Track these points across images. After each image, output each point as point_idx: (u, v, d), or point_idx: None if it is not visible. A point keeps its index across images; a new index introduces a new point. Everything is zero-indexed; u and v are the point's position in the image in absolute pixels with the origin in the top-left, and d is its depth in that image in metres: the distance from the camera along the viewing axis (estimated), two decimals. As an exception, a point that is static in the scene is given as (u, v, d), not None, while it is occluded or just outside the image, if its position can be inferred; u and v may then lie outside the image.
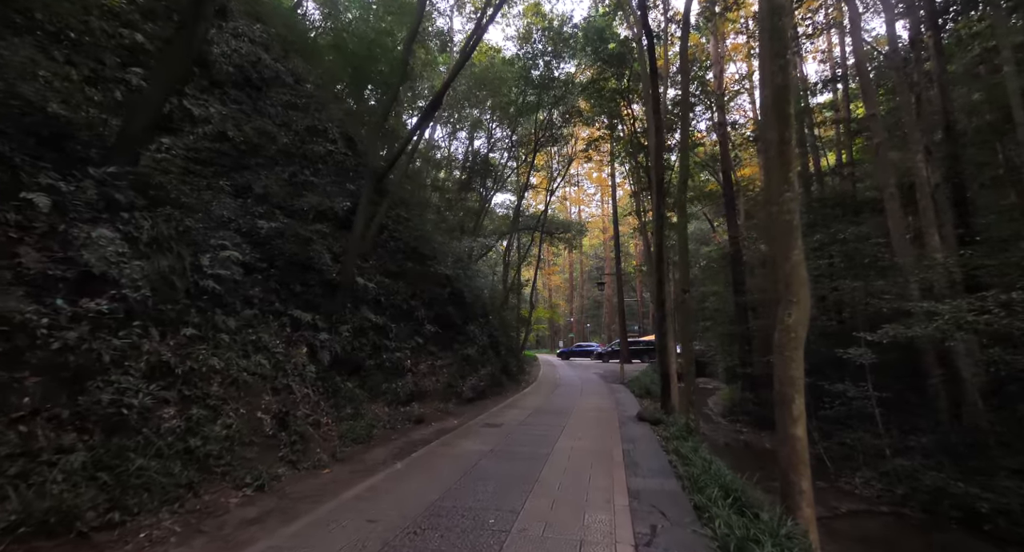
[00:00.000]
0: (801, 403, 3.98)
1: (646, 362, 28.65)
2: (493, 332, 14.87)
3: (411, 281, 11.03)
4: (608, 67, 19.72)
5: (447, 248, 13.45)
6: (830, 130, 21.67)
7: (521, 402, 11.67)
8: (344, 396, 7.46)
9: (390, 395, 8.74)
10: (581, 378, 19.15)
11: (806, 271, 4.20)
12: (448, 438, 7.14)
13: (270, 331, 6.83)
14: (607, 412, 10.19)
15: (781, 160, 4.28)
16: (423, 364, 10.27)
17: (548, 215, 32.40)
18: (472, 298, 13.76)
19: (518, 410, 10.17)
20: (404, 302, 10.41)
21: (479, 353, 12.95)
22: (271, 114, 10.95)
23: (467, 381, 11.54)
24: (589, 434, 7.64)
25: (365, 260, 9.96)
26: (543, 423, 8.61)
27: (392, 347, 9.34)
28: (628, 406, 11.32)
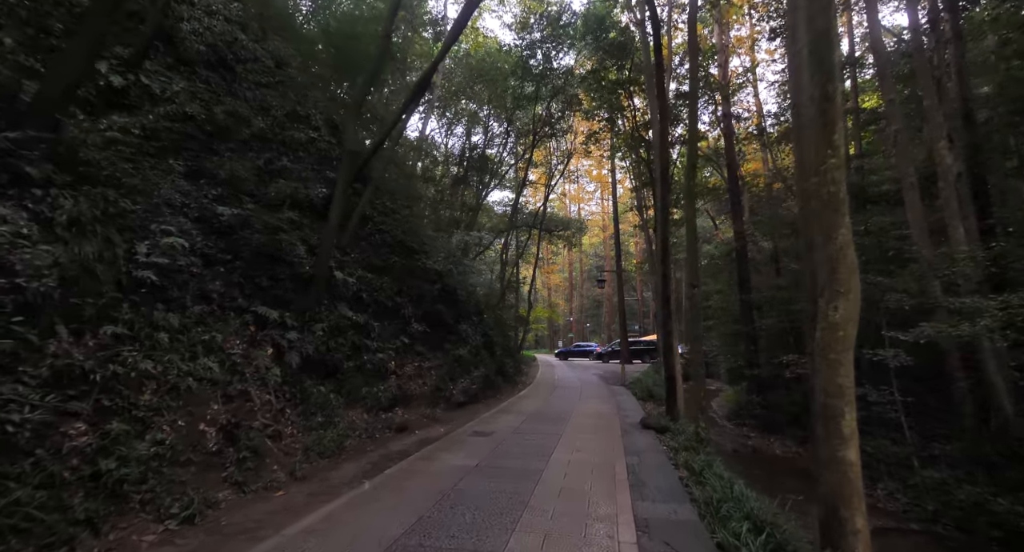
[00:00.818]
0: (853, 418, 3.18)
1: (647, 362, 27.85)
2: (488, 331, 14.06)
3: (397, 276, 10.22)
4: (608, 57, 18.94)
5: (439, 243, 12.63)
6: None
7: (516, 406, 10.85)
8: (315, 402, 6.65)
9: (370, 400, 7.93)
10: (580, 379, 18.34)
11: (855, 255, 3.39)
12: (430, 450, 6.33)
13: (229, 330, 6.02)
14: (608, 418, 9.38)
15: (823, 120, 3.48)
16: (409, 366, 9.46)
17: (547, 213, 31.63)
18: (465, 295, 12.95)
19: (512, 416, 9.36)
20: (389, 299, 9.60)
21: (472, 354, 12.14)
22: (247, 97, 10.14)
23: (458, 384, 10.73)
24: (589, 444, 6.83)
25: (346, 253, 9.15)
26: (538, 431, 7.80)
27: (374, 347, 8.53)
28: (630, 411, 10.51)
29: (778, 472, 11.00)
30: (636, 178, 22.06)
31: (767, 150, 23.88)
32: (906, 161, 11.29)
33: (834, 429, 3.16)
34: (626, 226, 39.70)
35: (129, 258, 4.74)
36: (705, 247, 32.78)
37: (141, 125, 6.90)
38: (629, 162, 22.45)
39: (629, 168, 22.68)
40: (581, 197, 45.69)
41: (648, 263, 25.42)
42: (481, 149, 23.13)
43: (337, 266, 8.60)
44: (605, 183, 38.36)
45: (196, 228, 6.19)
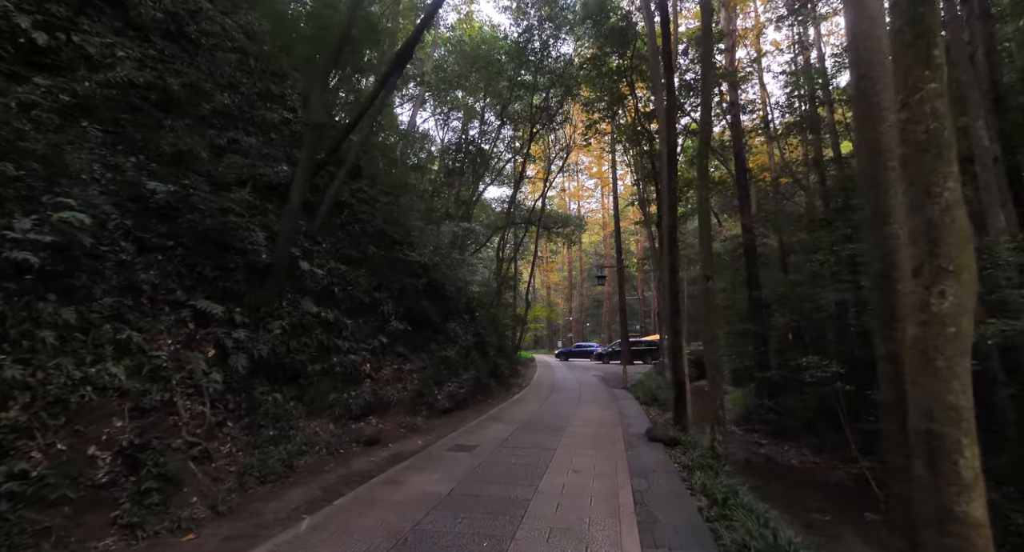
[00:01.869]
0: (975, 455, 2.14)
1: (648, 363, 26.81)
2: (480, 331, 13.03)
3: (376, 269, 9.20)
4: (608, 44, 17.90)
5: (427, 235, 11.61)
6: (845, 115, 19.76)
7: (508, 413, 9.82)
8: (266, 413, 5.63)
9: (339, 408, 6.91)
10: (579, 381, 17.30)
11: (967, 219, 2.36)
12: (399, 470, 5.30)
13: (158, 328, 5.01)
14: (609, 426, 8.35)
15: (916, 30, 2.46)
16: (387, 369, 8.43)
17: (546, 209, 30.58)
18: (454, 292, 11.92)
19: (502, 425, 8.33)
20: (366, 294, 8.58)
21: (461, 355, 11.11)
22: (211, 72, 9.15)
23: (444, 388, 9.70)
24: (587, 462, 5.80)
25: (316, 242, 8.13)
26: (529, 444, 6.76)
27: (346, 348, 7.51)
28: (634, 418, 9.47)
29: (797, 485, 9.95)
30: (637, 170, 20.99)
31: (774, 143, 22.87)
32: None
33: (948, 471, 2.12)
34: (626, 223, 38.68)
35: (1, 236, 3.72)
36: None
37: (73, 91, 5.92)
38: (631, 157, 21.40)
39: (631, 162, 21.62)
40: (580, 195, 44.66)
41: (651, 259, 24.36)
42: (477, 142, 22.12)
43: (304, 255, 7.58)
44: (605, 180, 37.34)
45: (122, 206, 5.17)
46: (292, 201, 6.49)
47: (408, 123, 16.76)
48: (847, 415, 10.90)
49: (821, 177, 18.67)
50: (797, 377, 13.85)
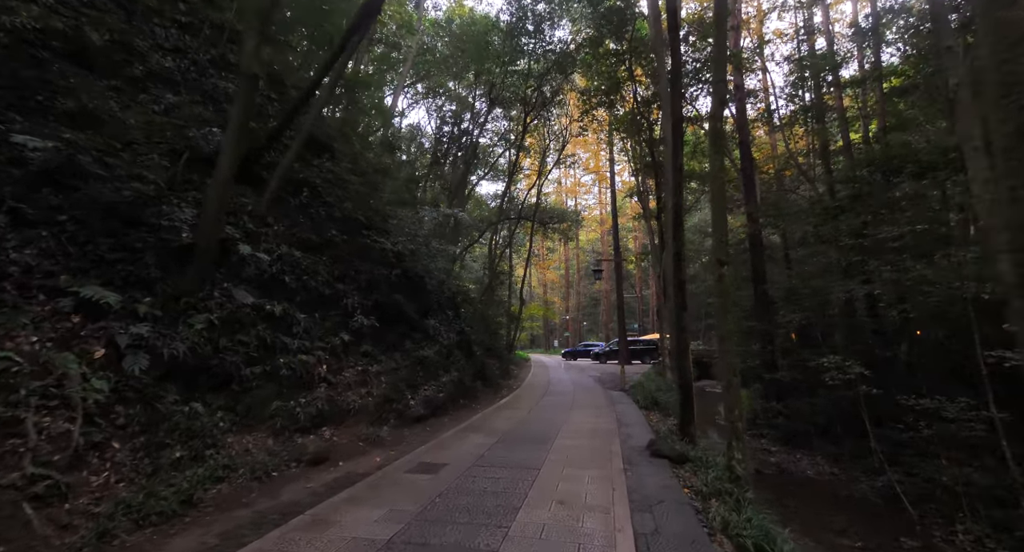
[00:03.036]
0: None
1: (647, 363, 25.65)
2: (465, 328, 11.85)
3: (340, 257, 8.02)
4: (606, 24, 16.73)
5: (405, 222, 10.41)
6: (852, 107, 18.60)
7: (492, 420, 8.64)
8: (174, 428, 4.44)
9: (283, 419, 5.72)
10: (575, 383, 16.14)
11: None
12: (333, 504, 4.12)
13: (18, 321, 3.83)
14: (605, 437, 7.18)
15: None
16: (349, 371, 7.25)
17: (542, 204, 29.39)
18: (435, 285, 10.74)
19: (482, 435, 7.15)
20: (326, 285, 7.40)
21: (441, 355, 9.93)
22: (153, 34, 7.98)
23: (419, 392, 8.52)
24: (577, 489, 4.63)
25: (265, 223, 6.94)
26: (509, 462, 5.59)
27: (295, 347, 6.32)
28: (634, 426, 8.31)
29: (816, 501, 8.80)
30: (636, 161, 19.82)
31: (777, 134, 21.76)
32: (969, 121, 9.10)
33: None
34: (624, 220, 37.54)
35: None
36: (708, 241, 30.62)
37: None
38: (629, 147, 20.22)
39: (629, 153, 20.44)
40: (577, 191, 43.51)
41: (650, 255, 23.23)
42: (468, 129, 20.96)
43: (247, 238, 6.40)
44: (602, 176, 36.17)
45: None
46: (221, 170, 5.31)
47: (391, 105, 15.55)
48: (870, 421, 9.77)
49: (827, 167, 17.57)
50: (810, 379, 12.76)
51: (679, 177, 7.42)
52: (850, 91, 17.80)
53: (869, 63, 17.06)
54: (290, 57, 9.71)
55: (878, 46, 16.06)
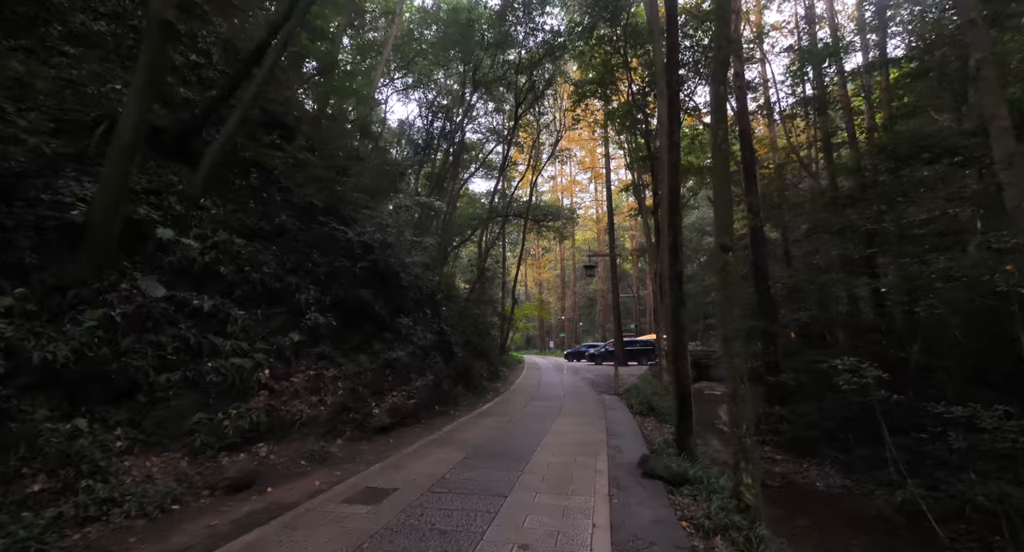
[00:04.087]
0: None
1: (644, 364, 24.70)
2: (445, 328, 10.89)
3: (292, 247, 7.07)
4: (600, 11, 15.84)
5: (377, 211, 9.45)
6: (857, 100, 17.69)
7: (466, 430, 7.69)
8: (37, 453, 3.49)
9: (206, 434, 4.77)
10: (566, 386, 15.18)
11: None
12: (233, 549, 3.16)
13: None
14: (591, 452, 6.23)
15: None
16: (299, 375, 6.29)
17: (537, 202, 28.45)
18: (410, 280, 9.78)
19: (449, 450, 6.20)
20: (274, 278, 6.44)
21: (416, 357, 8.98)
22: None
23: (386, 399, 7.57)
24: (547, 525, 3.68)
25: (197, 206, 5.98)
26: (471, 486, 4.64)
27: (228, 349, 5.37)
28: (625, 437, 7.36)
29: (830, 518, 7.83)
30: (631, 154, 18.91)
31: (777, 127, 20.90)
32: (995, 98, 8.20)
33: None
34: (620, 218, 36.63)
35: None
36: (706, 240, 29.69)
37: None
38: (624, 140, 19.31)
39: (624, 145, 19.51)
40: (572, 189, 42.60)
41: (646, 253, 22.32)
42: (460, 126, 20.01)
43: (171, 221, 5.44)
44: (597, 173, 35.30)
45: None
46: (121, 134, 4.37)
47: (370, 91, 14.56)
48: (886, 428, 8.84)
49: (829, 160, 16.70)
50: (817, 382, 11.83)
51: (675, 156, 6.49)
52: (854, 82, 16.93)
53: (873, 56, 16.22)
54: (247, 23, 8.75)
55: (883, 31, 15.17)
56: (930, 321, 10.70)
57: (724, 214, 4.89)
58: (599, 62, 16.93)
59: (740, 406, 4.38)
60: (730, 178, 5.46)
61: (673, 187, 6.63)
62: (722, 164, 5.05)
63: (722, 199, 4.93)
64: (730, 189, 5.03)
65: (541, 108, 22.40)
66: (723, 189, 4.97)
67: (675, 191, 6.63)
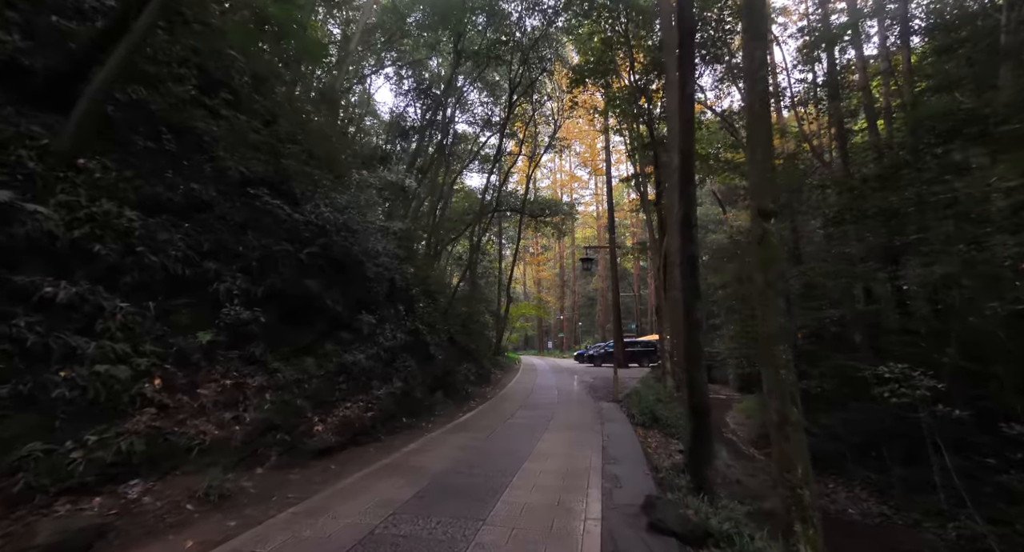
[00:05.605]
0: None
1: (645, 366, 23.22)
2: (420, 326, 9.45)
3: (213, 226, 5.65)
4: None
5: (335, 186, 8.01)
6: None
7: (431, 450, 6.25)
8: None
9: (39, 473, 3.35)
10: (560, 391, 13.74)
11: None
12: None
13: None
14: (581, 487, 4.79)
15: None
16: (209, 386, 4.87)
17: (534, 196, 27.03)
18: (378, 271, 8.35)
19: (397, 483, 4.76)
20: (182, 261, 5.02)
21: (380, 360, 7.57)
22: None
23: (335, 412, 6.15)
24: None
25: (70, 165, 4.56)
26: (411, 545, 3.21)
27: (93, 353, 3.96)
28: (625, 462, 5.90)
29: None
30: (632, 142, 17.46)
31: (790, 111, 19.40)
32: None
33: None
34: (621, 215, 35.16)
35: None
36: (710, 236, 28.13)
37: None
38: (625, 128, 17.85)
39: (624, 133, 18.05)
40: (572, 186, 41.15)
41: (648, 249, 20.84)
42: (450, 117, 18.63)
43: (18, 182, 4.03)
44: (596, 168, 33.86)
45: None
46: None
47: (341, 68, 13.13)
48: (932, 448, 7.39)
49: (843, 147, 15.24)
50: (841, 388, 10.36)
51: (688, 110, 5.05)
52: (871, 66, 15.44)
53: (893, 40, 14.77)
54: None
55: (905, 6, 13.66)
56: (965, 321, 9.18)
57: (762, 172, 3.46)
58: (598, 42, 15.54)
59: (793, 440, 2.94)
60: (771, 127, 4.03)
61: (686, 150, 5.18)
62: (761, 102, 3.61)
63: (761, 153, 3.49)
64: (771, 140, 3.61)
65: (538, 96, 21.01)
66: (762, 140, 3.54)
67: (688, 154, 5.18)
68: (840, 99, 15.48)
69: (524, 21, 17.42)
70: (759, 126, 3.57)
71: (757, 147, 3.55)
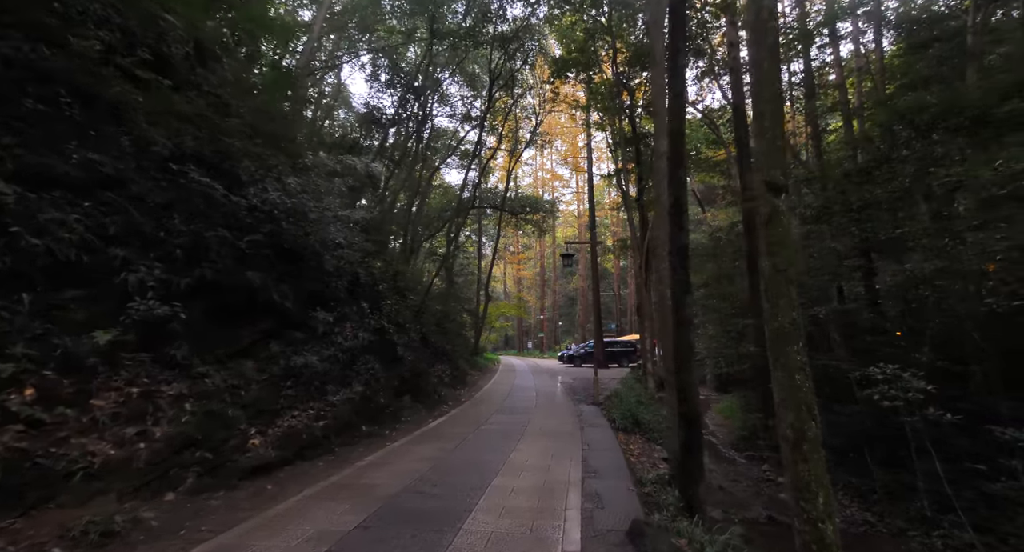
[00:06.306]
0: None
1: (625, 366, 22.85)
2: (387, 325, 8.64)
3: (122, 207, 4.75)
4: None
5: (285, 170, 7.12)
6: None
7: (389, 465, 5.50)
8: None
9: None
10: (539, 393, 13.11)
11: None
12: None
13: None
14: (558, 508, 4.14)
15: None
16: (108, 395, 3.99)
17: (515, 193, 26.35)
18: (338, 264, 7.52)
19: (340, 509, 4.01)
20: (79, 247, 4.13)
21: (337, 362, 6.75)
22: None
23: (278, 423, 5.32)
24: None
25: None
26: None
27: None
28: (606, 476, 5.27)
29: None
30: (615, 135, 17.00)
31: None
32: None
33: None
34: (603, 214, 34.88)
35: None
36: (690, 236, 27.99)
37: None
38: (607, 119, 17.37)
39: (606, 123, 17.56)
40: (554, 186, 40.71)
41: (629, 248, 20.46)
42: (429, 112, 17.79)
43: None
44: (577, 165, 33.47)
45: None
46: None
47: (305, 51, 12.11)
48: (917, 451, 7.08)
49: (818, 146, 15.17)
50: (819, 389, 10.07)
51: (679, 85, 4.47)
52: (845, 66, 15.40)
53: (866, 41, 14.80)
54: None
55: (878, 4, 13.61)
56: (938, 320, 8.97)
57: (771, 140, 2.88)
58: (581, 33, 14.99)
59: (811, 462, 2.35)
60: (781, 89, 3.47)
61: (676, 130, 4.62)
62: (771, 58, 3.02)
63: (769, 119, 2.91)
64: (781, 104, 3.04)
65: (519, 91, 20.37)
66: (770, 103, 2.95)
67: (678, 135, 4.61)
68: (816, 98, 15.39)
69: (505, 10, 16.76)
70: (767, 87, 2.98)
71: (765, 112, 2.97)
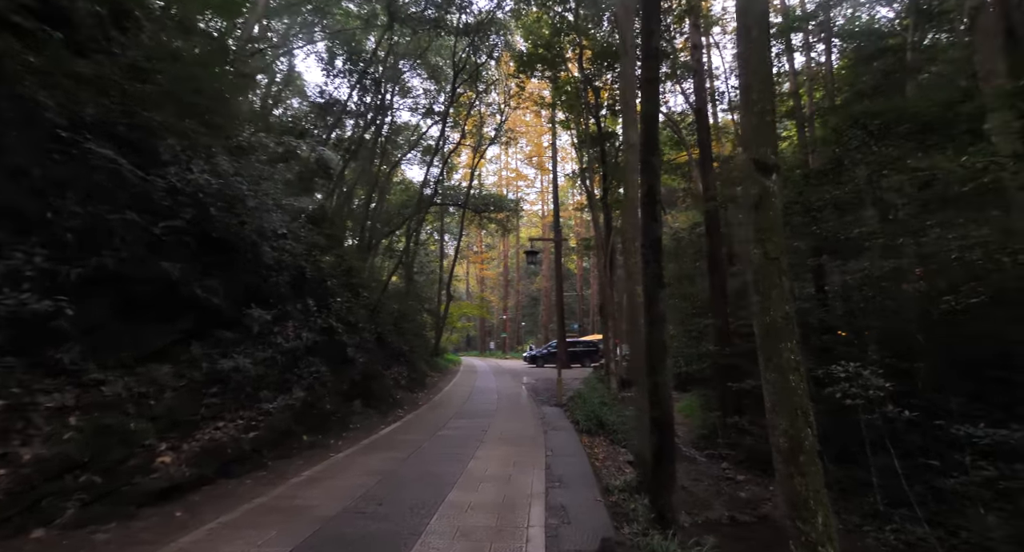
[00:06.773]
0: None
1: (587, 366, 22.88)
2: (335, 324, 7.90)
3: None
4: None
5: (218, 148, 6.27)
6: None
7: (329, 480, 4.88)
8: None
9: None
10: (501, 394, 12.68)
11: None
12: None
13: None
14: (518, 526, 3.72)
15: None
16: (-42, 412, 3.17)
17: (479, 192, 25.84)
18: (278, 257, 6.74)
19: (258, 537, 3.39)
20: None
21: (276, 366, 6.01)
22: None
23: (196, 436, 4.57)
24: None
25: None
26: None
27: None
28: (572, 485, 4.91)
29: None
30: (580, 135, 16.91)
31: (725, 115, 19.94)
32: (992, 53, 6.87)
33: None
34: (567, 215, 35.03)
35: None
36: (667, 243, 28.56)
37: None
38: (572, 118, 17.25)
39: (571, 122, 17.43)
40: (518, 186, 40.52)
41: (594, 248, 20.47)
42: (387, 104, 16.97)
43: None
44: (542, 165, 33.44)
45: None
46: None
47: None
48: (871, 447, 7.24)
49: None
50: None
51: (655, 68, 4.20)
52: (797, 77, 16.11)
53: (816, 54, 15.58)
54: None
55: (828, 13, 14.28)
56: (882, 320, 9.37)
57: (760, 115, 2.62)
58: (547, 28, 14.77)
59: (808, 475, 2.08)
60: (771, 61, 3.23)
61: (649, 114, 4.34)
62: (759, 27, 2.75)
63: (757, 93, 2.64)
64: (771, 77, 2.80)
65: (484, 86, 19.91)
66: (759, 76, 2.69)
67: (652, 119, 4.33)
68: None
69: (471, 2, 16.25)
70: (756, 59, 2.72)
71: (753, 86, 2.70)
